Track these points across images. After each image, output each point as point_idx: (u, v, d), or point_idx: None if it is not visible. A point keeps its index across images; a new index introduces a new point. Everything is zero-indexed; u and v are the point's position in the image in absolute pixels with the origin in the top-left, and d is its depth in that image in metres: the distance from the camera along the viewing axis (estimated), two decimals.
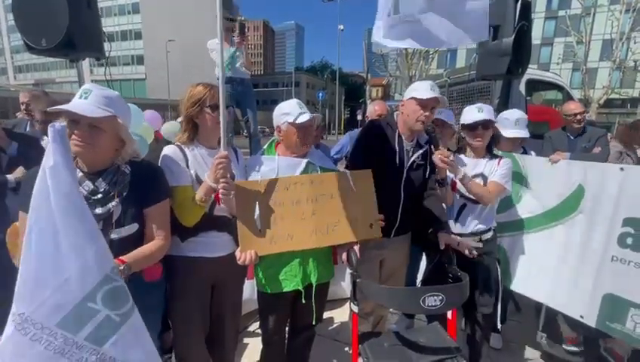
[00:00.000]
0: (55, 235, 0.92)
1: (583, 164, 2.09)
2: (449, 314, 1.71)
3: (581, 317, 1.87)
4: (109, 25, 49.71)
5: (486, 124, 1.90)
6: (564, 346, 2.20)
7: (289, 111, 1.65)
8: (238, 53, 4.20)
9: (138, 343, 1.06)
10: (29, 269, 0.92)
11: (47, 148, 0.93)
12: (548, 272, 2.05)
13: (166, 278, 1.53)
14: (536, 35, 36.09)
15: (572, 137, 3.27)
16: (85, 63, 2.83)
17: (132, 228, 1.29)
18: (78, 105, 1.17)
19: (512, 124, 2.33)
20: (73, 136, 1.15)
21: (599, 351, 2.07)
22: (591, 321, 1.82)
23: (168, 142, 2.08)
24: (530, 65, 3.82)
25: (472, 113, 1.92)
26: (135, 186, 1.30)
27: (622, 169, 1.79)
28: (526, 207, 2.20)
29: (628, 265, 1.71)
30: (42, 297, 0.92)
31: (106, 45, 2.58)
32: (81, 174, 1.23)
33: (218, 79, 4.21)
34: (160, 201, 1.37)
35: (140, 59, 53.99)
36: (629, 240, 1.72)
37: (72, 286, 0.94)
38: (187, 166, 1.52)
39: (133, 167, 1.32)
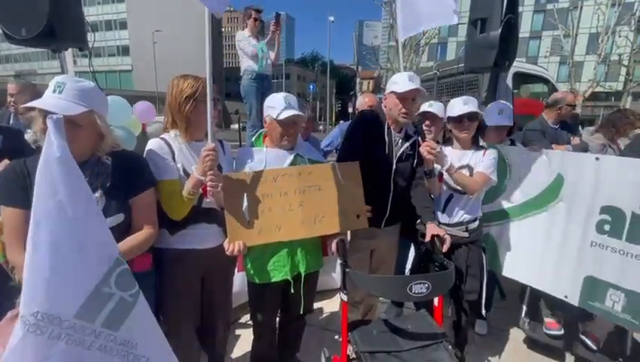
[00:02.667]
0: (69, 225, 0.91)
1: (561, 153, 2.17)
2: (436, 301, 1.76)
3: (565, 296, 1.98)
4: (92, 14, 48.08)
5: (471, 117, 1.93)
6: (545, 331, 2.29)
7: (274, 106, 1.64)
8: (265, 50, 4.18)
9: (148, 323, 1.08)
10: (42, 264, 0.88)
11: (48, 140, 0.90)
12: (534, 257, 2.15)
13: (156, 270, 1.53)
14: (525, 28, 36.39)
15: (556, 127, 3.34)
16: (68, 54, 2.75)
17: (118, 219, 1.29)
18: (53, 101, 1.13)
19: (495, 113, 2.39)
20: None
21: (578, 334, 2.17)
22: (574, 300, 1.94)
23: None
24: (518, 59, 3.86)
25: (458, 106, 1.95)
26: (118, 177, 1.29)
27: (597, 158, 1.88)
28: (511, 197, 2.28)
29: (606, 250, 1.81)
30: (60, 290, 0.89)
31: (90, 35, 2.50)
32: None
33: (247, 73, 4.14)
34: (145, 190, 1.36)
35: (125, 50, 52.55)
36: (607, 227, 1.81)
37: (90, 272, 0.94)
38: (173, 159, 1.51)
39: (114, 157, 1.31)
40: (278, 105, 1.63)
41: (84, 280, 0.93)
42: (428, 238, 1.76)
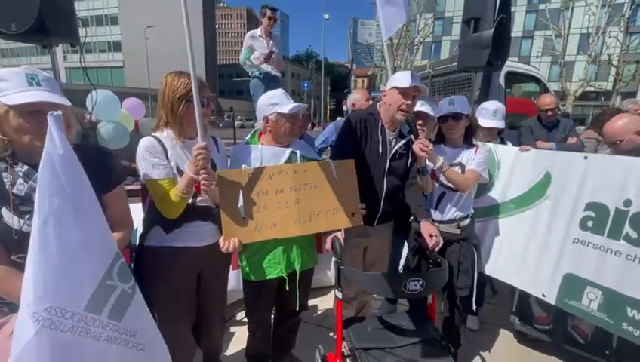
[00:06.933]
0: (76, 222, 0.94)
1: (550, 152, 2.20)
2: (429, 297, 1.79)
3: (543, 295, 1.99)
4: (82, 9, 47.14)
5: (455, 116, 1.96)
6: (535, 325, 2.33)
7: (278, 102, 1.65)
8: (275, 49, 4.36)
9: (144, 312, 1.13)
10: (52, 261, 0.90)
11: (50, 136, 0.91)
12: (515, 255, 2.16)
13: (139, 267, 1.53)
14: (517, 28, 36.72)
15: (549, 128, 3.41)
16: (59, 50, 2.71)
17: None
18: (46, 94, 1.07)
19: (490, 114, 2.42)
20: (43, 129, 1.03)
21: (566, 329, 2.21)
22: (551, 299, 1.95)
23: None
24: (511, 58, 3.92)
25: (444, 105, 2.00)
26: (88, 173, 1.25)
27: (586, 157, 1.90)
28: (497, 194, 2.30)
29: (587, 247, 1.82)
30: (71, 284, 0.93)
31: (81, 30, 2.46)
32: (27, 167, 1.12)
33: (253, 74, 4.25)
34: (116, 187, 1.31)
35: (117, 46, 51.69)
36: (590, 223, 1.83)
37: (96, 267, 0.99)
38: (166, 158, 1.49)
39: (81, 151, 1.26)
40: (281, 100, 1.66)
41: (92, 274, 0.97)
42: (426, 237, 1.77)
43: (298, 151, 1.76)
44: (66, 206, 0.92)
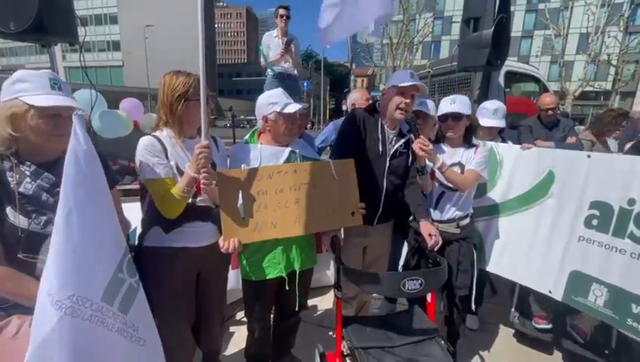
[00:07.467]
0: (95, 214, 0.99)
1: (553, 151, 2.21)
2: (428, 297, 1.79)
3: (549, 292, 2.02)
4: (81, 8, 47.01)
5: (456, 116, 1.96)
6: (534, 324, 2.34)
7: (277, 101, 1.65)
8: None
9: (145, 308, 1.16)
10: (74, 250, 0.93)
11: (75, 134, 0.96)
12: (520, 253, 2.18)
13: (149, 268, 1.52)
14: (517, 28, 36.72)
15: (549, 127, 3.42)
16: (58, 49, 2.70)
17: None
18: (65, 98, 1.13)
19: (490, 113, 2.42)
20: (58, 131, 1.11)
21: (566, 328, 2.22)
22: (558, 296, 1.98)
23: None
24: (510, 58, 3.92)
25: (445, 105, 1.99)
26: None
27: (589, 156, 1.92)
28: (500, 193, 2.31)
29: (592, 244, 1.86)
30: (90, 274, 0.97)
31: (80, 30, 2.46)
32: (34, 167, 1.14)
33: (269, 71, 4.22)
34: (112, 188, 1.30)
35: (116, 45, 51.62)
36: (595, 222, 1.86)
37: (111, 258, 1.04)
38: (166, 157, 1.48)
39: None
40: (280, 100, 1.66)
41: (107, 266, 1.02)
42: (426, 236, 1.77)
43: (298, 151, 1.76)
44: (88, 198, 0.97)
